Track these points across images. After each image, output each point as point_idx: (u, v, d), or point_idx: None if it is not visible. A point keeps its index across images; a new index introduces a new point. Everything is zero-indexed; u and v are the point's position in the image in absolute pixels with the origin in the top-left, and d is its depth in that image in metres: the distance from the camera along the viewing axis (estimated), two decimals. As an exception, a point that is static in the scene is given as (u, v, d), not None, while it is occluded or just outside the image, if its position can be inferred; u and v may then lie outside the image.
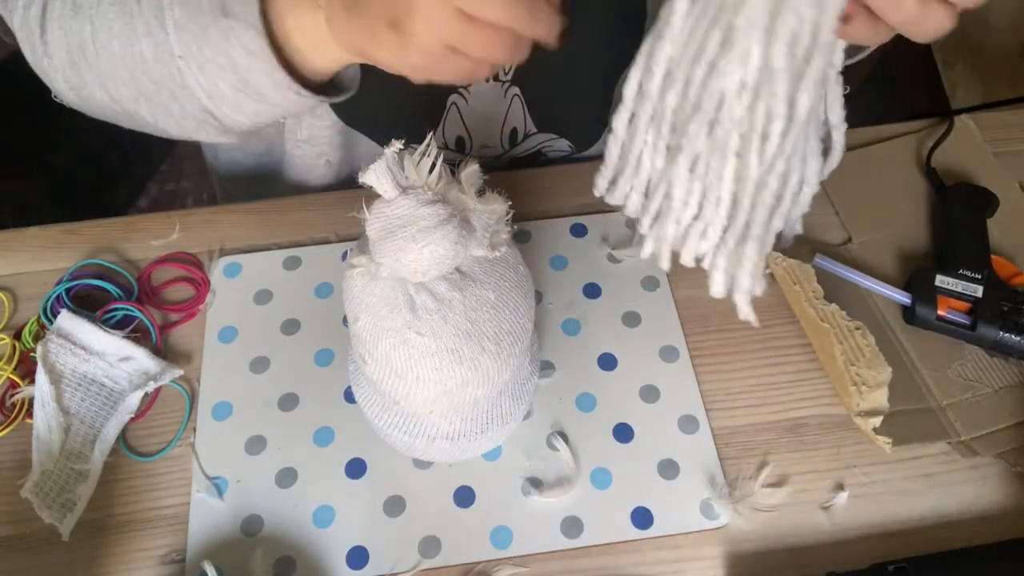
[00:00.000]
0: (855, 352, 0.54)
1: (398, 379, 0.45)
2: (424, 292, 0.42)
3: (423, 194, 0.41)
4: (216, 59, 0.47)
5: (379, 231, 0.41)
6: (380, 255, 0.41)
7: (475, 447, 0.52)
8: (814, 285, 0.57)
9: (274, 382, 0.57)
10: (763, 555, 0.50)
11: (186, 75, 0.48)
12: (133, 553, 0.50)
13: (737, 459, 0.54)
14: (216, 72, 0.48)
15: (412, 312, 0.42)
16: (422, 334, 0.42)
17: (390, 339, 0.43)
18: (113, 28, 0.49)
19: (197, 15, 0.47)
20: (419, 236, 0.40)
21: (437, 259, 0.41)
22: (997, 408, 0.56)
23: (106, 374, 0.56)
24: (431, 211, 0.40)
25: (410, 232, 0.40)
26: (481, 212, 0.42)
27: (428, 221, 0.40)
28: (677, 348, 0.59)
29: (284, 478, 0.53)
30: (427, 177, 0.41)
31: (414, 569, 0.49)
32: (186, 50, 0.47)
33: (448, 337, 0.43)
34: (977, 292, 0.58)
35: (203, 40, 0.47)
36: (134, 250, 0.64)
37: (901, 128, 0.73)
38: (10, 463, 0.54)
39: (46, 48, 0.52)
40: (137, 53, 0.49)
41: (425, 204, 0.40)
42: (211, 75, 0.48)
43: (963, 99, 1.60)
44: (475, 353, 0.44)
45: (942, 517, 0.52)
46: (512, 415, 0.51)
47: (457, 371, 0.44)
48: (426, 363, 0.43)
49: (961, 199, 0.65)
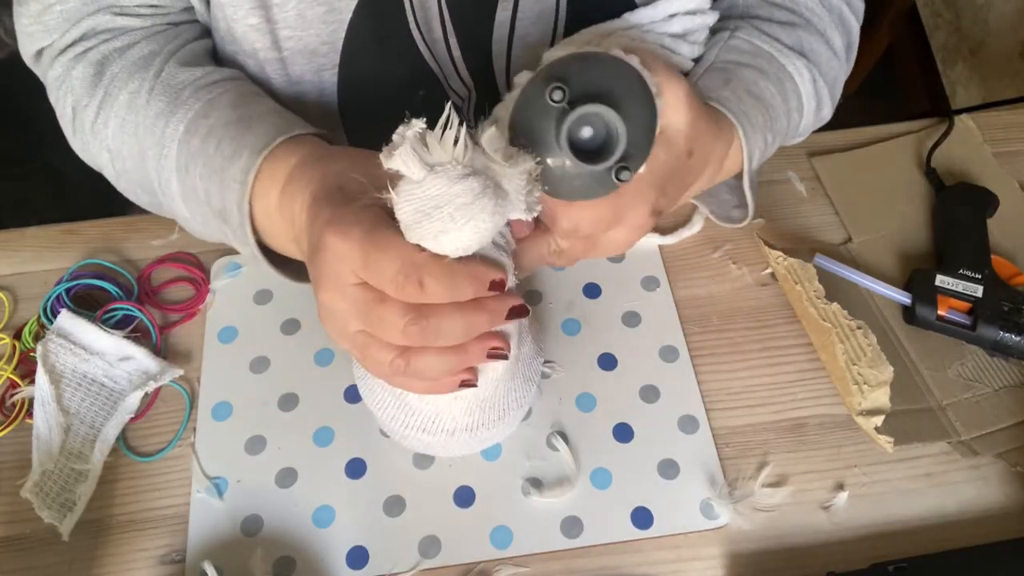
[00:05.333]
0: (857, 351, 0.54)
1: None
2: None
3: (452, 169, 0.38)
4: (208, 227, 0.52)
5: (412, 214, 0.38)
6: (417, 238, 0.39)
7: (493, 435, 0.51)
8: (815, 285, 0.57)
9: (274, 382, 0.57)
10: (763, 555, 0.50)
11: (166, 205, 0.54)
12: (133, 553, 0.50)
13: (737, 459, 0.54)
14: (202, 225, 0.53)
15: None
16: None
17: None
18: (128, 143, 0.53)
19: (194, 197, 0.50)
20: (457, 215, 0.38)
21: (479, 234, 0.39)
22: (997, 408, 0.56)
23: (106, 374, 0.56)
24: (465, 186, 0.38)
25: (447, 212, 0.38)
26: (512, 175, 0.40)
27: (464, 197, 0.38)
28: (677, 348, 0.59)
29: (284, 478, 0.53)
30: (453, 151, 0.39)
31: (414, 569, 0.49)
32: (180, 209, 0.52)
33: None
34: (977, 292, 0.58)
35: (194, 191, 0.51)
36: (134, 250, 0.64)
37: (901, 128, 0.73)
38: (10, 463, 0.54)
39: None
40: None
41: (457, 180, 0.38)
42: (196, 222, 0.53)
43: (963, 99, 1.60)
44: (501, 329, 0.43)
45: (942, 517, 0.52)
46: (526, 397, 0.51)
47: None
48: None
49: (961, 199, 0.65)
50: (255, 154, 0.46)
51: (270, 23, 0.52)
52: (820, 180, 0.69)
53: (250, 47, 0.54)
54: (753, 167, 0.53)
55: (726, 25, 0.58)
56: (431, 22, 0.55)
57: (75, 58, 0.54)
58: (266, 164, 0.46)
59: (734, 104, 0.51)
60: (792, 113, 0.56)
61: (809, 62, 0.56)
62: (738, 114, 0.51)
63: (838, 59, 0.60)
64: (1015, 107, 0.86)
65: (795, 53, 0.56)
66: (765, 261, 0.63)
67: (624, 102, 0.38)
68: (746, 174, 0.53)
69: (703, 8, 0.54)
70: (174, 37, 0.55)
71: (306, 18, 0.52)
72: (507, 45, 0.57)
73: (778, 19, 0.58)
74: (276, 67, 0.54)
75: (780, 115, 0.54)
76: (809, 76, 0.56)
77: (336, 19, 0.53)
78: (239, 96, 0.51)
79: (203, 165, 0.48)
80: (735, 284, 0.62)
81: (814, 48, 0.57)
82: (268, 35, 0.53)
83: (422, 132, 0.38)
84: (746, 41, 0.56)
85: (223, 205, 0.48)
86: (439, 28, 0.56)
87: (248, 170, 0.46)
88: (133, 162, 0.53)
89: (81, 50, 0.54)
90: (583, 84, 0.38)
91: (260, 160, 0.46)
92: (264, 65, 0.54)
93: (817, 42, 0.58)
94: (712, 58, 0.55)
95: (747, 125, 0.51)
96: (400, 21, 0.54)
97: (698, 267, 0.63)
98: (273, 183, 0.46)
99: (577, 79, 0.38)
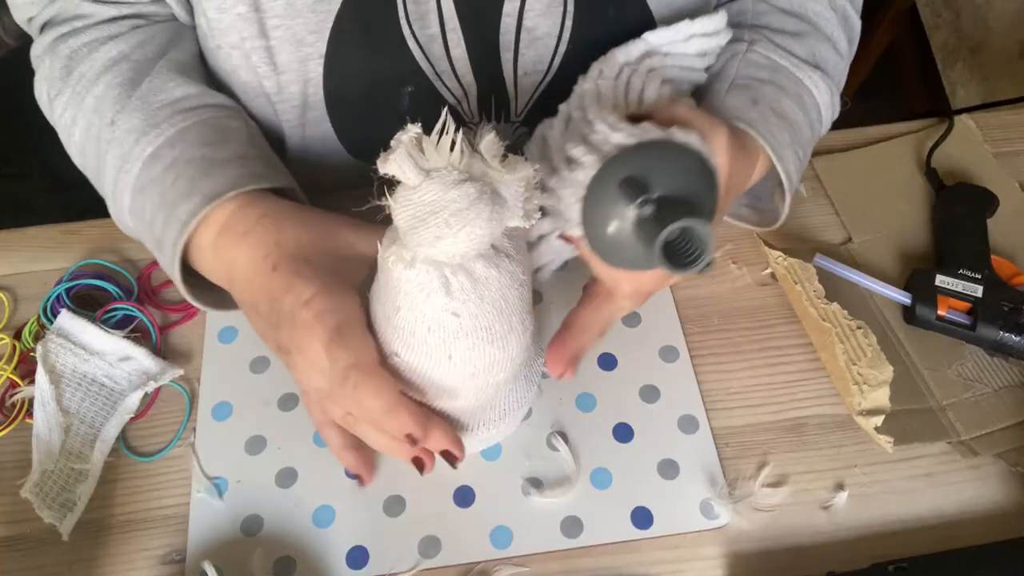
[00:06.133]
0: (857, 351, 0.54)
1: (427, 360, 0.44)
2: (461, 272, 0.41)
3: (448, 175, 0.38)
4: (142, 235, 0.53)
5: (409, 220, 0.39)
6: (414, 244, 0.40)
7: (494, 435, 0.52)
8: (815, 285, 0.57)
9: (274, 382, 0.57)
10: (763, 555, 0.50)
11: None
12: (133, 553, 0.50)
13: (737, 459, 0.54)
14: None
15: (448, 294, 0.41)
16: (458, 315, 0.41)
17: (426, 323, 0.42)
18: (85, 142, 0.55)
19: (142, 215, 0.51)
20: (452, 221, 0.38)
21: (475, 240, 0.39)
22: (997, 408, 0.56)
23: (106, 374, 0.56)
24: (460, 192, 0.38)
25: (443, 218, 0.38)
26: (510, 182, 0.40)
27: (460, 203, 0.38)
28: (677, 348, 0.59)
29: (284, 478, 0.53)
30: (449, 156, 0.39)
31: (414, 569, 0.49)
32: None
33: (483, 316, 0.42)
34: (977, 292, 0.58)
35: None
36: (134, 250, 0.64)
37: (901, 128, 0.73)
38: (10, 463, 0.54)
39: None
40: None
41: (453, 185, 0.38)
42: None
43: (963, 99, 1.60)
44: (505, 331, 0.43)
45: (942, 517, 0.52)
46: (526, 398, 0.51)
47: (488, 351, 0.43)
48: (459, 344, 0.42)
49: (961, 199, 0.65)
50: (205, 201, 0.48)
51: (258, 12, 0.53)
52: (820, 180, 0.69)
53: (236, 37, 0.54)
54: (794, 182, 0.54)
55: (740, 36, 0.58)
56: (426, 17, 0.55)
57: (51, 45, 0.56)
58: (214, 212, 0.48)
59: (762, 126, 0.52)
60: (813, 124, 0.57)
61: (824, 73, 0.57)
62: (766, 135, 0.52)
63: (843, 60, 0.61)
64: (1015, 107, 0.86)
65: (810, 66, 0.57)
66: (765, 261, 0.63)
67: (702, 199, 0.38)
68: (787, 191, 0.54)
69: (720, 29, 0.55)
70: (144, 42, 0.56)
71: (295, 7, 0.53)
72: (515, 37, 0.57)
73: (790, 29, 0.58)
74: (262, 56, 0.55)
75: (803, 129, 0.55)
76: (826, 87, 0.57)
77: (325, 8, 0.53)
78: (212, 131, 0.52)
79: (158, 194, 0.50)
80: (735, 284, 0.62)
81: (825, 56, 0.58)
82: (255, 24, 0.53)
83: (418, 137, 0.38)
84: (764, 56, 0.57)
85: (162, 236, 0.49)
86: (436, 23, 0.56)
87: (195, 214, 0.47)
88: (94, 161, 0.55)
89: (55, 36, 0.56)
90: (664, 187, 0.37)
91: (208, 209, 0.47)
92: (250, 54, 0.55)
93: (826, 49, 0.59)
94: (733, 73, 0.56)
95: (776, 145, 0.52)
96: (390, 16, 0.55)
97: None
98: (215, 227, 0.48)
99: (658, 179, 0.37)
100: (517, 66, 0.60)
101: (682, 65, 0.55)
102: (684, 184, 0.38)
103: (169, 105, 0.53)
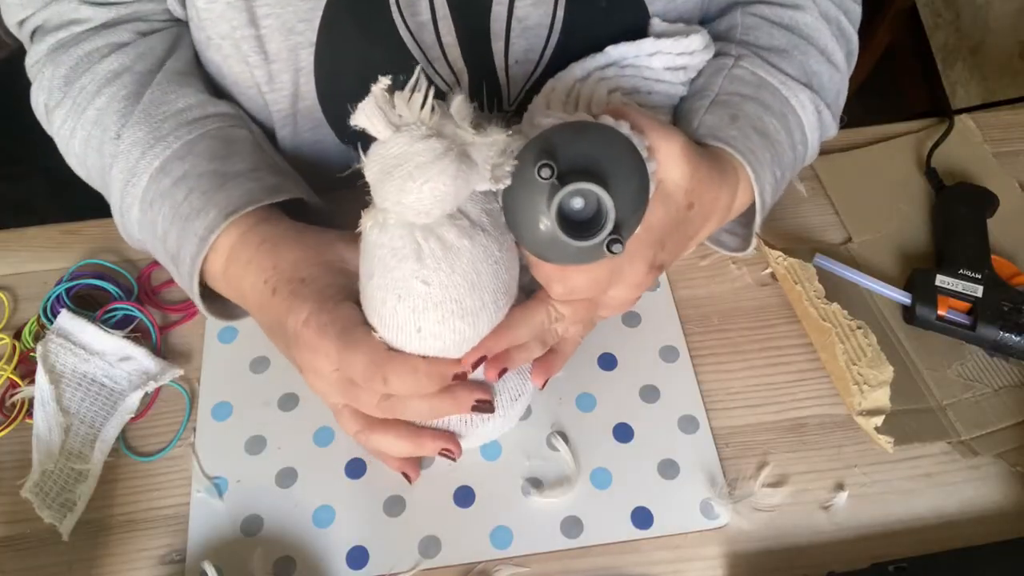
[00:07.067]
0: (857, 351, 0.54)
1: (399, 333, 0.44)
2: (433, 238, 0.41)
3: (416, 130, 0.39)
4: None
5: (377, 174, 0.39)
6: (382, 199, 0.40)
7: (490, 431, 0.51)
8: (815, 284, 0.57)
9: (274, 382, 0.57)
10: (763, 555, 0.50)
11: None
12: (133, 553, 0.50)
13: (737, 459, 0.54)
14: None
15: (419, 260, 0.41)
16: (428, 283, 0.41)
17: (396, 291, 0.42)
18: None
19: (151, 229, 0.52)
20: (416, 173, 0.38)
21: (439, 196, 0.39)
22: (997, 408, 0.56)
23: (106, 374, 0.56)
24: (426, 146, 0.38)
25: (407, 170, 0.38)
26: (481, 145, 0.40)
27: (424, 156, 0.38)
28: (677, 348, 0.59)
29: (284, 478, 0.53)
30: (420, 113, 0.39)
31: (414, 569, 0.49)
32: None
33: (454, 287, 0.42)
34: (977, 292, 0.58)
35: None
36: (134, 250, 0.64)
37: (901, 128, 0.73)
38: (10, 463, 0.54)
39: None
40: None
41: (420, 139, 0.39)
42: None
43: (963, 99, 1.60)
44: (476, 307, 0.43)
45: (942, 517, 0.52)
46: (521, 392, 0.51)
47: (458, 326, 0.43)
48: (428, 315, 0.42)
49: (961, 199, 0.65)
50: (222, 216, 0.48)
51: (248, 0, 0.53)
52: (820, 180, 0.69)
53: (226, 27, 0.54)
54: (767, 204, 0.53)
55: (728, 50, 0.58)
56: (416, 4, 0.55)
57: (50, 55, 0.56)
58: (221, 239, 0.49)
59: (741, 143, 0.51)
60: (796, 146, 0.56)
61: (813, 91, 0.56)
62: (745, 152, 0.51)
63: (840, 72, 0.59)
64: (1015, 107, 0.87)
65: (799, 84, 0.56)
66: (765, 261, 0.63)
67: (613, 173, 0.39)
68: (759, 212, 0.53)
69: (696, 49, 0.55)
70: (144, 54, 0.56)
71: None
72: (506, 25, 0.57)
73: (779, 44, 0.58)
74: (252, 45, 0.55)
75: (785, 150, 0.54)
76: (812, 108, 0.56)
77: None
78: (220, 144, 0.53)
79: (169, 208, 0.50)
80: (735, 284, 0.62)
81: (817, 71, 0.57)
82: (245, 12, 0.53)
83: (388, 90, 0.39)
84: (749, 72, 0.56)
85: (178, 252, 0.50)
86: (427, 11, 0.56)
87: (213, 229, 0.48)
88: (97, 173, 0.55)
89: (53, 43, 0.56)
90: (572, 158, 0.39)
91: (225, 224, 0.48)
92: (240, 44, 0.54)
93: (819, 62, 0.58)
94: (716, 89, 0.55)
95: (756, 164, 0.51)
96: (380, 3, 0.54)
97: (698, 267, 0.63)
98: (223, 255, 0.49)
99: (565, 152, 0.39)
100: (508, 55, 0.59)
101: (643, 76, 0.55)
102: (594, 158, 0.39)
103: (172, 117, 0.53)
